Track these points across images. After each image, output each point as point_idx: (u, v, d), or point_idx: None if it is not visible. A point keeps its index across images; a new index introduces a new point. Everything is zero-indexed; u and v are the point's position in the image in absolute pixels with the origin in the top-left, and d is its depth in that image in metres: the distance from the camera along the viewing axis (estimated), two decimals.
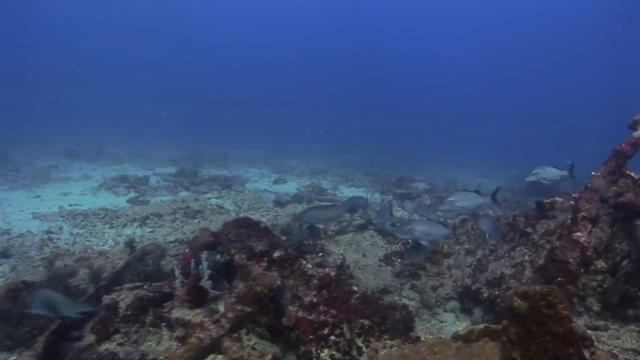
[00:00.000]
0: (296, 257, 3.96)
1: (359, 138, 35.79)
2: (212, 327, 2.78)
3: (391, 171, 20.74)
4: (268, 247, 3.98)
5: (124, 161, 19.06)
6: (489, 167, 26.21)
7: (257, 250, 3.97)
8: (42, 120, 30.55)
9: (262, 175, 17.84)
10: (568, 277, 3.28)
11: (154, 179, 15.42)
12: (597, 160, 3.91)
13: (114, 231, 9.53)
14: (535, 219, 4.69)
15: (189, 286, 2.93)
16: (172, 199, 11.89)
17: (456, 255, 6.10)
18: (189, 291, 2.90)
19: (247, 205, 11.92)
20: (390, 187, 14.26)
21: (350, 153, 28.04)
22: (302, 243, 6.84)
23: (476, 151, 33.71)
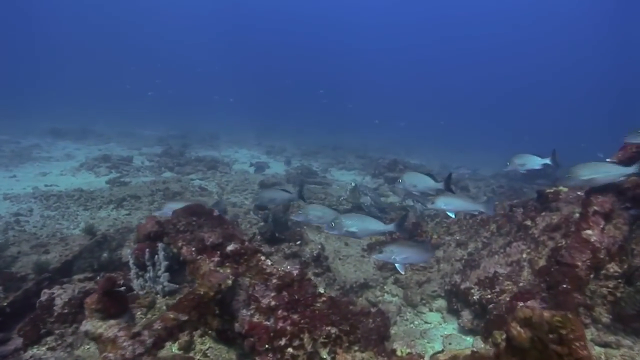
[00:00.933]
0: (254, 251, 3.34)
1: (355, 120, 34.87)
2: (127, 343, 2.16)
3: (384, 154, 20.06)
4: (221, 238, 3.35)
5: (111, 140, 18.31)
6: (489, 152, 25.54)
7: (208, 242, 3.35)
8: (29, 99, 29.61)
9: (252, 156, 17.14)
10: (575, 283, 2.67)
11: (139, 159, 14.73)
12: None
13: (88, 213, 8.91)
14: (535, 211, 4.06)
15: (100, 291, 2.30)
16: (153, 180, 11.22)
17: (446, 246, 5.50)
18: (99, 298, 2.27)
19: (231, 187, 11.27)
20: (382, 170, 13.60)
21: (344, 135, 27.30)
22: (281, 228, 6.24)
23: (478, 136, 32.93)
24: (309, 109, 34.11)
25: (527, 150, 5.05)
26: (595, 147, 18.59)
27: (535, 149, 4.82)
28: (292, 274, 3.16)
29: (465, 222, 5.80)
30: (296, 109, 35.75)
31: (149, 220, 3.51)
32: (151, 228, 3.42)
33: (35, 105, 27.21)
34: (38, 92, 33.59)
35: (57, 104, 28.70)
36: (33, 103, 28.14)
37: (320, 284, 4.82)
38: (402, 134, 29.88)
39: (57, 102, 29.37)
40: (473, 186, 13.13)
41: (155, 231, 3.42)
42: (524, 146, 20.37)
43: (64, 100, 30.34)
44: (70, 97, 31.91)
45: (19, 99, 29.41)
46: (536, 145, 27.35)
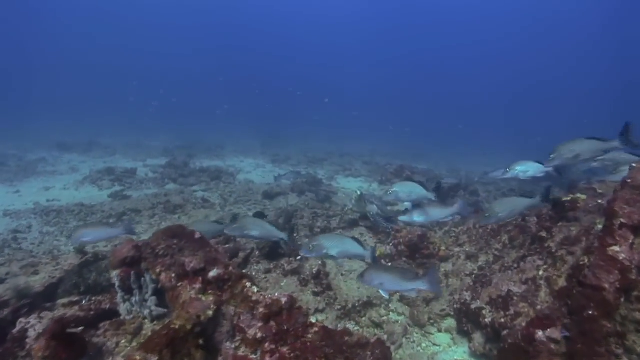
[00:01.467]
0: (239, 276, 3.01)
1: (362, 126, 34.54)
2: None
3: (392, 159, 19.67)
4: (203, 263, 3.04)
5: (116, 153, 18.22)
6: (500, 154, 24.98)
7: (189, 267, 3.03)
8: (39, 113, 29.85)
9: (257, 165, 16.89)
10: (602, 309, 2.30)
11: (143, 171, 14.57)
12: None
13: None
14: (551, 221, 3.67)
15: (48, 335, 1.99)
16: (155, 193, 11.00)
17: (455, 259, 5.11)
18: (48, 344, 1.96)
19: (234, 198, 11.00)
20: (389, 176, 13.23)
21: (352, 141, 26.97)
22: (279, 245, 5.91)
23: (488, 139, 32.34)
24: (315, 117, 33.82)
25: (539, 152, 4.76)
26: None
27: (547, 149, 4.45)
28: (280, 301, 2.83)
29: (475, 232, 5.42)
30: (302, 117, 35.51)
31: (126, 244, 3.22)
32: (127, 253, 3.13)
33: (43, 119, 27.40)
34: (47, 106, 33.92)
35: (65, 116, 28.91)
36: (41, 116, 28.35)
37: (320, 303, 4.49)
38: (411, 139, 29.45)
39: (65, 115, 29.58)
40: (483, 190, 12.68)
41: (132, 256, 3.13)
42: (535, 147, 19.84)
43: (72, 113, 30.56)
44: (77, 110, 32.15)
45: (28, 113, 29.67)
46: (549, 146, 26.56)
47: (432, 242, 5.68)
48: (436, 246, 5.62)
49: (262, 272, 5.29)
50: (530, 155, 4.72)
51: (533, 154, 5.58)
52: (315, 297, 4.53)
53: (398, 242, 5.54)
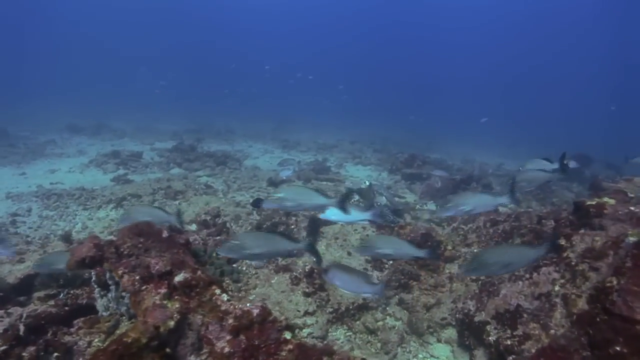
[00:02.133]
0: (208, 282, 2.65)
1: (377, 113, 33.75)
2: None
3: (405, 148, 19.08)
4: (170, 266, 2.67)
5: (125, 136, 18.05)
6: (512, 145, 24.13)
7: (154, 270, 2.68)
8: (51, 95, 29.96)
9: (266, 150, 16.53)
10: (634, 345, 1.85)
11: (149, 154, 14.36)
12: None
13: (87, 213, 8.50)
14: (571, 227, 3.20)
15: None
16: (157, 178, 10.74)
17: (461, 261, 4.68)
18: None
19: (238, 184, 10.68)
20: (400, 166, 12.71)
21: (365, 128, 26.35)
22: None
23: (505, 129, 31.30)
24: (328, 103, 33.12)
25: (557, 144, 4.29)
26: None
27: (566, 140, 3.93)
28: (251, 313, 2.46)
29: (485, 232, 4.96)
30: (315, 102, 34.86)
31: (87, 242, 2.88)
32: (87, 252, 2.79)
33: (57, 101, 27.47)
34: (61, 89, 34.02)
35: (79, 99, 28.89)
36: (55, 99, 28.44)
37: (310, 305, 4.12)
38: (426, 128, 28.65)
39: (78, 97, 29.57)
40: (497, 183, 12.08)
41: (92, 256, 2.79)
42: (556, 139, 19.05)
43: (86, 96, 30.55)
44: (91, 93, 32.13)
45: (43, 95, 29.79)
46: (568, 138, 25.78)
47: (438, 239, 5.24)
48: (442, 245, 5.18)
49: (253, 267, 4.95)
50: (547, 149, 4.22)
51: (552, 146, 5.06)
52: (305, 299, 4.17)
53: (403, 236, 5.10)
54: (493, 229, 4.82)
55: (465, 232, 5.46)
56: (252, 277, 4.70)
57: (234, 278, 4.51)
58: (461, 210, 3.54)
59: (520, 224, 4.37)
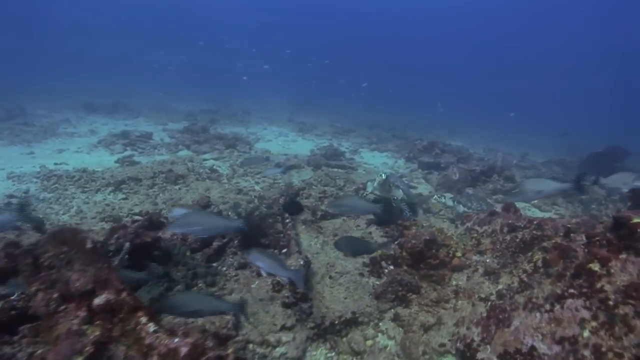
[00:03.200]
0: (133, 307, 2.11)
1: (401, 99, 32.52)
2: None
3: (425, 134, 18.15)
4: (92, 284, 2.15)
5: (140, 115, 17.80)
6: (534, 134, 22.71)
7: (73, 288, 2.16)
8: (75, 74, 30.09)
9: (280, 133, 15.95)
10: None
11: (161, 135, 14.04)
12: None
13: (85, 197, 8.17)
14: (609, 248, 2.47)
15: None
16: (162, 160, 10.37)
17: (471, 272, 4.02)
18: None
19: (244, 169, 10.18)
20: (417, 153, 11.92)
21: (387, 113, 25.37)
22: (262, 232, 5.01)
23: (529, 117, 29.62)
24: (348, 88, 32.02)
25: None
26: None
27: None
28: (178, 352, 1.91)
29: (501, 238, 4.26)
30: (336, 85, 33.80)
31: None
32: None
33: (80, 80, 27.55)
34: (85, 68, 34.18)
35: (103, 79, 28.92)
36: (79, 78, 28.55)
37: (289, 318, 3.57)
38: (448, 114, 27.36)
39: (102, 77, 29.61)
40: (521, 176, 11.15)
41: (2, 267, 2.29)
42: None
43: (109, 76, 30.59)
44: (115, 73, 32.20)
45: (66, 73, 29.98)
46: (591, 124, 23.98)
47: (447, 243, 4.58)
48: (450, 249, 4.52)
49: (234, 267, 4.42)
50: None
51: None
52: (284, 310, 3.61)
53: (404, 242, 4.46)
54: (510, 236, 4.11)
55: (479, 236, 4.76)
56: (231, 280, 4.18)
57: (208, 281, 4.00)
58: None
59: (543, 233, 3.65)
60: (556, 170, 13.11)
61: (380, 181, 6.45)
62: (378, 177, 6.53)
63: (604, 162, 11.99)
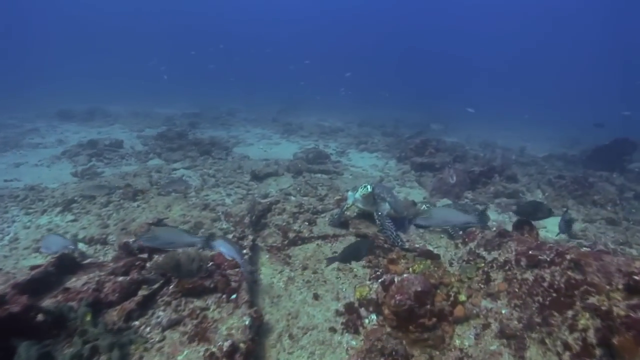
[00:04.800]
0: None
1: (393, 96, 31.13)
2: None
3: (419, 131, 16.92)
4: None
5: (117, 121, 16.52)
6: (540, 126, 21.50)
7: None
8: (58, 80, 28.71)
9: (263, 135, 14.70)
10: None
11: (134, 142, 12.79)
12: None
13: (27, 220, 6.94)
14: None
15: None
16: (123, 173, 9.14)
17: (480, 327, 2.83)
18: None
19: (217, 179, 8.96)
20: (410, 153, 10.71)
21: (379, 109, 24.10)
22: (201, 267, 3.80)
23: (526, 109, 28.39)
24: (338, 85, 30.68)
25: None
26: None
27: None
28: None
29: (520, 276, 3.07)
30: (326, 82, 32.45)
31: None
32: None
33: (62, 87, 26.23)
34: (69, 73, 32.77)
35: (86, 85, 27.60)
36: (61, 84, 27.21)
37: None
38: (444, 109, 26.10)
39: (86, 83, 28.28)
40: (522, 174, 9.97)
41: None
42: None
43: (94, 81, 29.28)
44: (98, 77, 30.87)
45: (49, 81, 28.61)
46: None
47: (445, 282, 3.38)
48: (451, 290, 3.33)
49: (162, 327, 3.22)
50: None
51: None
52: None
53: (389, 283, 3.26)
54: (533, 274, 2.92)
55: (488, 267, 3.57)
56: (152, 350, 2.97)
57: (114, 356, 2.79)
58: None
59: (585, 279, 2.46)
60: (558, 166, 11.93)
61: (365, 194, 5.27)
62: (361, 189, 5.35)
63: (611, 156, 10.83)
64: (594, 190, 8.13)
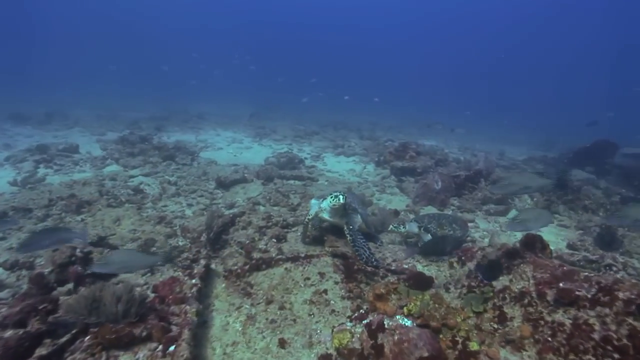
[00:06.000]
0: None
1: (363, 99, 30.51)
2: None
3: (396, 134, 16.27)
4: None
5: (77, 125, 15.10)
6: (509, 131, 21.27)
7: None
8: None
9: (234, 139, 13.66)
10: None
11: (92, 147, 11.52)
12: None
13: None
14: None
15: None
16: (70, 182, 7.96)
17: None
18: None
19: (178, 187, 7.91)
20: (389, 157, 9.94)
21: (353, 113, 23.36)
22: (129, 309, 2.83)
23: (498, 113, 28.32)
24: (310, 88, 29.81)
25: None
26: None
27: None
28: None
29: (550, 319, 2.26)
30: (299, 87, 31.57)
31: None
32: None
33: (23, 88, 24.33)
34: (37, 77, 30.67)
35: (51, 87, 25.78)
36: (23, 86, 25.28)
37: None
38: (416, 113, 25.68)
39: (48, 84, 26.44)
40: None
41: None
42: None
43: (60, 83, 27.46)
44: (64, 80, 29.03)
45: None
46: None
47: (450, 323, 2.54)
48: (457, 333, 2.50)
49: None
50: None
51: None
52: None
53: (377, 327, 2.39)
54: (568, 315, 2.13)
55: (498, 299, 2.77)
56: None
57: None
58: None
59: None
60: (539, 168, 11.45)
61: (336, 205, 4.32)
62: (331, 198, 4.40)
63: (593, 157, 10.39)
64: (582, 194, 7.54)
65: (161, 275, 4.86)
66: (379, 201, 7.56)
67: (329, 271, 3.82)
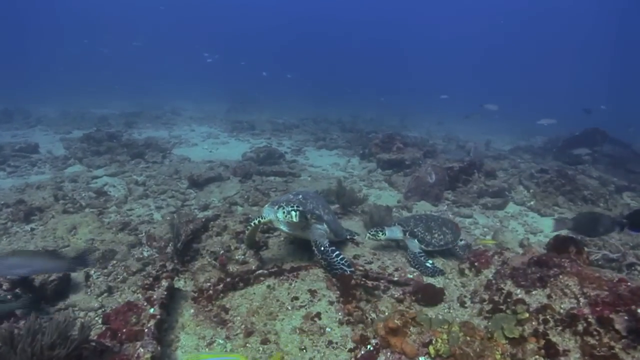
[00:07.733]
0: None
1: (345, 93, 29.70)
2: None
3: (378, 126, 15.65)
4: None
5: (39, 123, 13.84)
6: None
7: None
8: None
9: (210, 134, 12.74)
10: None
11: (54, 146, 10.44)
12: None
13: None
14: None
15: None
16: (25, 185, 6.99)
17: None
18: None
19: (146, 187, 7.05)
20: (375, 149, 9.28)
21: (331, 107, 22.58)
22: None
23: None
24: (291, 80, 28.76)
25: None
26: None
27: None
28: None
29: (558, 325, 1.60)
30: (281, 78, 30.50)
31: None
32: None
33: None
34: None
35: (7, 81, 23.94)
36: None
37: None
38: (399, 103, 25.12)
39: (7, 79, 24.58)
40: (497, 168, 8.84)
41: None
42: None
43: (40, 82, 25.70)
44: (39, 77, 27.25)
45: None
46: None
47: None
48: None
49: None
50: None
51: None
52: None
53: None
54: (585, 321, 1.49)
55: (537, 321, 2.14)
56: None
57: None
58: None
59: None
60: (526, 158, 11.05)
61: (290, 222, 3.36)
62: (283, 213, 3.41)
63: (583, 146, 10.03)
64: (580, 184, 7.08)
65: (121, 294, 4.09)
66: (368, 196, 6.90)
67: (321, 287, 3.12)
